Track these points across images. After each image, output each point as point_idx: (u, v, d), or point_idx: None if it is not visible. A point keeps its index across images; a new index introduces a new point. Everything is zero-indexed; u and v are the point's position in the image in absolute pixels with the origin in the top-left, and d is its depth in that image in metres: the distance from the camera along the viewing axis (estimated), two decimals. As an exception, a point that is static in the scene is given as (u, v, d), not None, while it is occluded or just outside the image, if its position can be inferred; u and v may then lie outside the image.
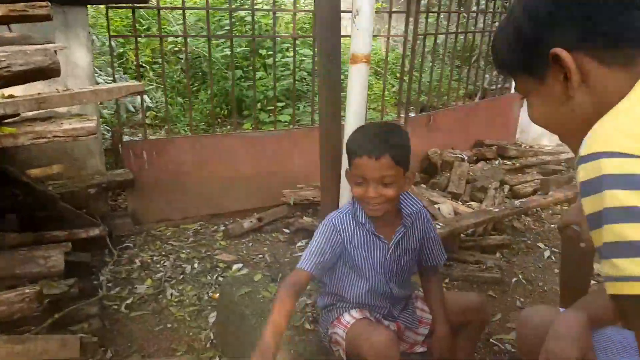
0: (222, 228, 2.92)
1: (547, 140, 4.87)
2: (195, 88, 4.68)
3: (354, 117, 1.56)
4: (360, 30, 1.49)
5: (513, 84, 4.62)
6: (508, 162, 3.81)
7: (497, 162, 3.80)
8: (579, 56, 0.74)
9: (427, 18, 3.60)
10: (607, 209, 0.61)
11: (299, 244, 2.79)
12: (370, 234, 1.47)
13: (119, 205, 3.05)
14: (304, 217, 2.94)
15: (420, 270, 1.63)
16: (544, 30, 0.78)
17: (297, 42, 3.73)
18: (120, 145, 2.74)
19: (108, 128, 3.51)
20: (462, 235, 2.76)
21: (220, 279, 2.40)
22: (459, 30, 4.12)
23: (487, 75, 4.91)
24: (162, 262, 2.57)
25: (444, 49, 4.10)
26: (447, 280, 2.49)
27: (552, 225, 3.17)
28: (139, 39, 2.89)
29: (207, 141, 2.98)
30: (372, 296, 1.53)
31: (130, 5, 2.66)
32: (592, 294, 1.52)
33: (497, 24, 4.40)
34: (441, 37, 4.16)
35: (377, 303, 1.55)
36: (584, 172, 0.65)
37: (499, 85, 4.86)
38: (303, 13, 5.04)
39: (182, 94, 4.58)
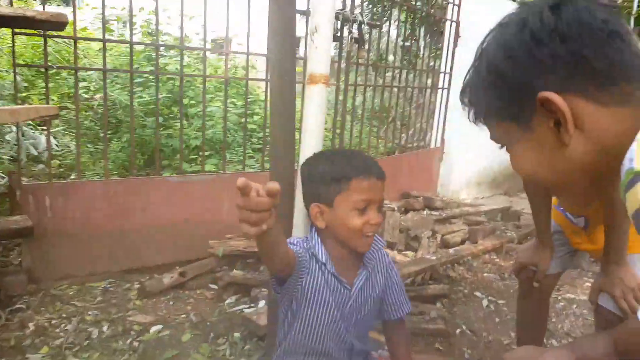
0: (137, 285, 2.55)
1: (465, 193, 5.05)
2: (108, 136, 4.30)
3: (310, 142, 1.40)
4: (319, 48, 1.37)
5: (433, 139, 4.81)
6: (435, 213, 3.84)
7: (425, 213, 3.81)
8: (570, 99, 0.64)
9: (356, 70, 3.64)
10: None
11: (229, 300, 2.49)
12: (332, 277, 1.27)
13: (11, 262, 2.57)
14: (235, 270, 2.65)
15: (384, 324, 1.44)
16: (528, 73, 0.67)
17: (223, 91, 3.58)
18: (18, 189, 2.33)
19: (2, 175, 3.04)
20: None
21: (136, 343, 2.02)
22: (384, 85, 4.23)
23: (403, 135, 5.07)
24: (62, 325, 2.14)
25: (362, 108, 4.18)
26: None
27: (484, 275, 3.17)
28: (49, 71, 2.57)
29: (123, 186, 2.64)
30: (331, 348, 1.31)
31: (41, 33, 2.37)
32: (583, 337, 1.45)
33: (414, 84, 4.59)
34: (359, 99, 4.27)
35: (335, 355, 1.33)
36: None
37: (415, 144, 5.03)
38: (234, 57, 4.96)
39: (92, 142, 4.18)
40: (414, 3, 4.22)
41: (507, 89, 0.70)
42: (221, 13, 2.81)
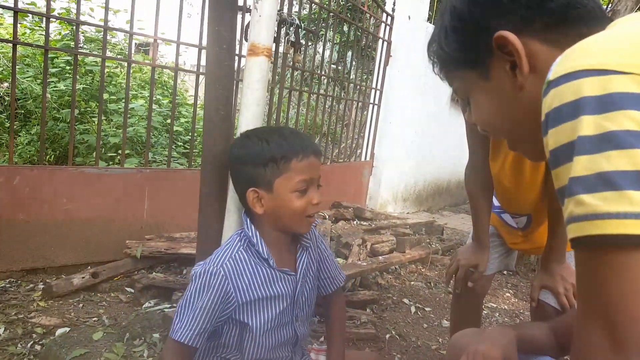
0: (42, 286, 2.27)
1: (392, 208, 5.13)
2: (16, 128, 3.90)
3: (248, 118, 1.30)
4: (263, 17, 1.28)
5: (363, 153, 4.85)
6: (365, 223, 3.85)
7: (355, 223, 3.80)
8: (525, 40, 0.65)
9: (292, 75, 3.59)
10: (582, 137, 0.48)
11: (147, 304, 2.28)
12: (275, 271, 1.17)
13: None
14: (154, 273, 2.45)
15: (323, 300, 1.35)
16: (485, 13, 0.68)
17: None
18: None
19: None
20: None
21: (38, 347, 1.77)
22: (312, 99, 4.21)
23: (334, 149, 5.08)
24: (-54, 329, 1.84)
25: (296, 120, 4.13)
26: (322, 339, 2.24)
27: (412, 283, 3.19)
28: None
29: (31, 175, 2.35)
30: (276, 349, 1.21)
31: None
32: (523, 322, 1.47)
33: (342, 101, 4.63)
34: (292, 112, 4.22)
35: (280, 354, 1.23)
36: (557, 96, 0.51)
37: (346, 157, 5.05)
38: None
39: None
40: (349, 16, 4.27)
41: (466, 31, 0.70)
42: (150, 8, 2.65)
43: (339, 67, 5.03)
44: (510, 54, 0.65)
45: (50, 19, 2.31)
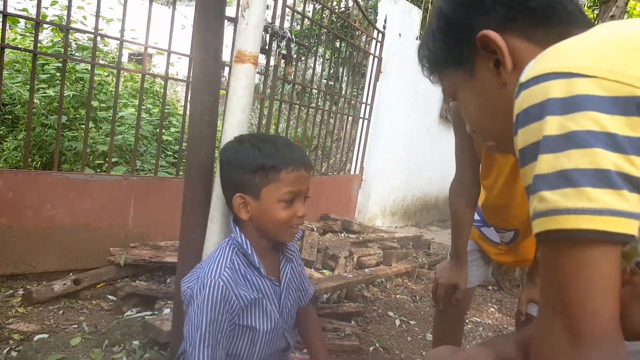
0: (22, 292, 2.23)
1: (380, 222, 5.14)
2: (3, 133, 3.88)
3: (233, 125, 1.31)
4: (250, 25, 1.30)
5: (353, 166, 4.87)
6: (352, 236, 3.85)
7: (342, 235, 3.80)
8: (508, 38, 0.67)
9: (282, 86, 3.61)
10: (547, 136, 0.50)
11: (129, 313, 2.25)
12: (264, 279, 1.17)
13: None
14: (138, 281, 2.43)
15: (297, 311, 1.36)
16: (469, 13, 0.70)
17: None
18: None
19: None
20: (318, 302, 2.59)
21: (14, 353, 1.74)
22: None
23: (324, 164, 5.10)
24: None
25: (286, 133, 4.16)
26: (305, 350, 2.23)
27: (397, 296, 3.19)
28: None
29: (14, 179, 2.32)
30: (268, 357, 1.20)
31: None
32: (502, 335, 1.47)
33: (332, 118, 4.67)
34: (282, 125, 4.24)
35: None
36: (527, 98, 0.53)
37: (336, 173, 5.07)
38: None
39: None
40: (341, 32, 4.33)
41: (452, 31, 0.73)
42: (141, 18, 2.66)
43: (330, 82, 5.07)
44: (493, 52, 0.68)
45: (42, 25, 2.31)
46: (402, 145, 5.27)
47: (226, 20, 2.85)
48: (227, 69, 2.84)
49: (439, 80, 0.80)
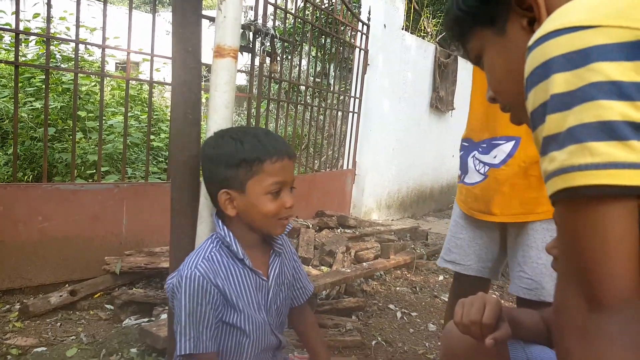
0: (19, 306, 2.21)
1: (376, 215, 5.13)
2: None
3: (217, 121, 1.29)
4: (228, 18, 1.28)
5: (345, 161, 4.85)
6: (349, 231, 3.83)
7: (338, 231, 3.79)
8: None
9: (269, 83, 3.60)
10: (554, 95, 0.49)
11: (127, 321, 2.23)
12: (248, 272, 1.16)
13: None
14: (134, 289, 2.40)
15: (291, 311, 1.34)
16: None
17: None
18: None
19: None
20: (317, 299, 2.57)
21: (12, 368, 1.72)
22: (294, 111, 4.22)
23: (316, 161, 5.09)
24: None
25: (275, 131, 4.13)
26: (304, 349, 2.21)
27: (397, 288, 3.18)
28: None
29: (4, 193, 2.29)
30: (259, 355, 1.19)
31: None
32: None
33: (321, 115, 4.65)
34: (272, 125, 4.21)
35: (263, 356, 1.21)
36: (533, 59, 0.52)
37: (329, 169, 5.06)
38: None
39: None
40: (324, 25, 4.30)
41: None
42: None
43: (318, 80, 5.05)
44: (528, 8, 0.66)
45: (25, 37, 2.29)
46: (394, 136, 5.26)
47: (208, 20, 2.84)
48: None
49: (467, 43, 0.78)
